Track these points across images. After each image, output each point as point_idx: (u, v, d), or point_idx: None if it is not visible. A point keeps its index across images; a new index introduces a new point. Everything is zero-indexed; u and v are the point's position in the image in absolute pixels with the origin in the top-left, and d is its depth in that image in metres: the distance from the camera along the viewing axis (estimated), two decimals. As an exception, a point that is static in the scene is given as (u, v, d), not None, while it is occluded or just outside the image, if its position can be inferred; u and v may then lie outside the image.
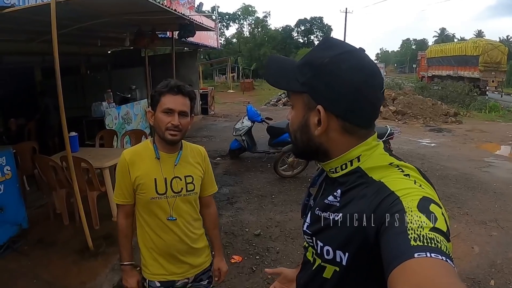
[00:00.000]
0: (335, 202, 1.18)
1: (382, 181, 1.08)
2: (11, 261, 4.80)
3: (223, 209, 6.63)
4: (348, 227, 1.09)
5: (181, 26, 8.55)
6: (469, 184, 7.99)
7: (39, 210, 6.39)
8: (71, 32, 7.87)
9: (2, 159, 4.94)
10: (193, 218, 2.42)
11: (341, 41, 1.22)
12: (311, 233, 1.27)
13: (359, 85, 1.09)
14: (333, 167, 1.22)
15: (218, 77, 46.87)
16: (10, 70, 10.31)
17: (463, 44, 31.65)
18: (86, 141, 8.79)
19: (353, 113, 1.12)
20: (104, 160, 5.81)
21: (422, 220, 0.89)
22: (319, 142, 1.19)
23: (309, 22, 70.68)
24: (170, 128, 2.14)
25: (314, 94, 1.15)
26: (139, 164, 2.24)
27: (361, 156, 1.16)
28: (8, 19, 5.84)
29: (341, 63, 1.11)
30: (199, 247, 2.45)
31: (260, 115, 9.61)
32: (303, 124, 1.20)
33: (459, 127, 16.18)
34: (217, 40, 19.53)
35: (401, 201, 0.97)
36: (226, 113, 20.08)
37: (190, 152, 2.40)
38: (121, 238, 2.36)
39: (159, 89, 2.15)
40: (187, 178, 2.31)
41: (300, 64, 1.21)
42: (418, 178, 1.09)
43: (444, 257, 0.81)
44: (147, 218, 2.29)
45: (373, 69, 1.14)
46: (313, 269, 1.29)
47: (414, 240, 0.85)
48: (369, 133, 1.18)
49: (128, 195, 2.28)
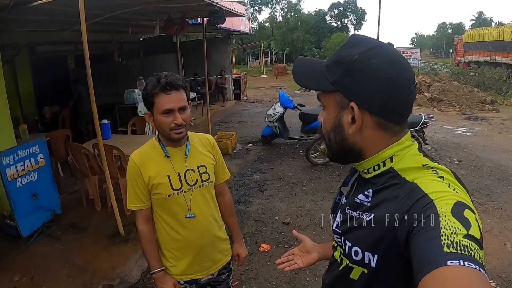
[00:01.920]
0: (366, 202, 1.17)
1: (415, 182, 1.06)
2: (44, 245, 4.94)
3: (253, 196, 6.66)
4: (379, 228, 1.08)
5: (211, 12, 8.53)
6: (505, 176, 7.71)
7: (72, 196, 6.57)
8: (102, 20, 7.96)
9: (36, 148, 5.06)
10: (213, 209, 2.38)
11: (368, 37, 1.19)
12: (340, 232, 1.27)
13: (391, 79, 1.08)
14: (366, 168, 1.20)
15: (251, 61, 46.90)
16: (44, 59, 10.55)
17: (501, 29, 30.37)
18: (119, 127, 8.94)
19: (387, 108, 1.10)
20: (135, 147, 5.79)
21: (456, 226, 0.87)
22: (353, 141, 1.17)
23: (342, 5, 69.58)
24: (175, 128, 2.08)
25: (346, 92, 1.13)
26: (149, 164, 2.18)
27: (394, 157, 1.14)
28: (39, 11, 5.94)
29: (371, 58, 1.09)
30: (221, 240, 2.43)
31: (292, 101, 9.56)
32: (337, 124, 1.19)
33: (495, 115, 15.64)
34: (249, 25, 19.42)
35: (434, 204, 0.95)
36: (259, 98, 20.11)
37: (198, 141, 2.36)
38: (145, 245, 2.26)
39: (150, 90, 2.04)
40: (200, 168, 2.27)
41: (329, 64, 1.19)
42: (452, 181, 1.06)
43: (477, 266, 0.79)
44: (166, 217, 2.24)
45: (404, 63, 1.12)
46: (340, 270, 1.28)
47: (447, 247, 0.83)
48: (403, 131, 1.17)
49: (144, 198, 2.21)
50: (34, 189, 5.00)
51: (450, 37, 69.64)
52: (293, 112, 9.90)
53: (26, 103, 10.16)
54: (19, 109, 9.65)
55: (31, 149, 5.01)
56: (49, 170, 5.32)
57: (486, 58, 31.37)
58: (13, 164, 4.75)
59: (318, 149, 8.28)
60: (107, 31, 11.87)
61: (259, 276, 4.44)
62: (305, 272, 4.44)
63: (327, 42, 59.69)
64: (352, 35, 1.21)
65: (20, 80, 10.04)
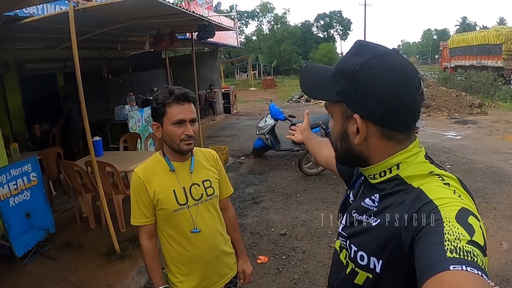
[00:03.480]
0: (372, 207, 1.18)
1: (421, 188, 1.06)
2: (39, 265, 4.87)
3: (248, 209, 6.64)
4: (384, 233, 1.09)
5: (200, 27, 8.55)
6: (496, 177, 7.81)
7: (65, 214, 6.50)
8: (91, 37, 7.95)
9: (28, 166, 5.02)
10: (218, 223, 2.36)
11: (373, 44, 1.19)
12: (346, 235, 1.28)
13: (393, 89, 1.07)
14: (372, 173, 1.21)
15: (239, 75, 46.99)
16: (33, 77, 10.50)
17: (485, 33, 31.00)
18: (110, 144, 8.89)
19: (390, 119, 1.10)
20: (128, 163, 5.87)
21: (459, 232, 0.88)
22: (359, 150, 1.18)
23: (328, 16, 70.31)
24: (185, 139, 2.07)
25: (349, 103, 1.14)
26: (154, 179, 2.15)
27: (401, 164, 1.14)
28: (28, 28, 5.93)
29: (373, 69, 1.08)
30: (227, 254, 2.41)
31: (283, 112, 9.56)
32: (343, 133, 1.20)
33: (484, 118, 15.81)
34: (237, 38, 19.50)
35: (439, 210, 0.95)
36: (249, 111, 20.12)
37: (202, 156, 2.35)
38: (148, 261, 2.22)
39: (163, 100, 2.04)
40: (205, 183, 2.25)
41: (333, 73, 1.20)
42: (458, 188, 1.06)
43: (480, 271, 0.79)
44: (172, 232, 2.20)
45: (408, 71, 1.11)
46: (347, 274, 1.28)
47: (451, 252, 0.83)
48: (410, 138, 1.16)
49: (149, 214, 2.17)
50: (27, 208, 4.94)
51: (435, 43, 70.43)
52: (284, 124, 9.88)
53: (16, 121, 10.10)
54: (9, 127, 9.58)
55: (23, 167, 4.97)
56: (42, 189, 5.28)
57: (472, 62, 31.89)
58: (6, 183, 4.70)
59: (310, 159, 8.27)
60: (96, 47, 11.85)
61: (258, 288, 4.41)
62: (305, 282, 4.45)
63: (314, 53, 60.25)
64: (356, 42, 1.21)
65: (10, 98, 10.00)
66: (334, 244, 1.42)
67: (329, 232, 5.57)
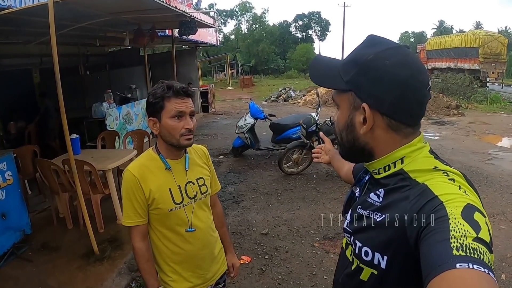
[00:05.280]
0: (377, 202, 1.18)
1: (426, 183, 1.05)
2: (15, 268, 4.71)
3: (229, 208, 6.58)
4: (389, 229, 1.08)
5: (182, 23, 8.46)
6: (475, 177, 7.93)
7: (42, 214, 6.32)
8: (69, 32, 7.78)
9: (3, 165, 4.84)
10: (211, 220, 2.35)
11: (385, 38, 1.19)
12: (351, 231, 1.28)
13: (405, 81, 1.08)
14: (376, 168, 1.22)
15: (217, 74, 46.98)
16: (8, 72, 10.23)
17: (462, 36, 31.55)
18: (88, 142, 8.71)
19: (399, 110, 1.11)
20: (106, 162, 5.73)
21: (465, 229, 0.87)
22: (364, 141, 1.19)
23: (307, 17, 70.81)
24: (185, 134, 2.02)
25: (359, 92, 1.14)
26: (150, 177, 2.07)
27: (405, 158, 1.15)
28: (5, 21, 5.73)
29: (386, 59, 1.09)
30: (218, 251, 2.39)
31: (263, 111, 9.57)
32: (349, 124, 1.20)
33: (461, 119, 16.18)
34: (216, 37, 19.45)
35: (444, 206, 0.95)
36: (227, 110, 20.10)
37: (195, 153, 2.31)
38: (142, 263, 2.14)
39: (161, 94, 1.98)
40: (199, 181, 2.21)
41: (344, 62, 1.20)
42: (463, 184, 1.06)
43: (486, 269, 0.79)
44: (166, 232, 2.14)
45: (419, 65, 1.12)
46: (352, 270, 1.28)
47: (457, 250, 0.83)
48: (415, 133, 1.17)
49: (143, 213, 2.09)
50: (3, 209, 4.76)
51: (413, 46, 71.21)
52: (263, 123, 9.89)
53: (-10, 118, 9.80)
54: (-17, 125, 9.30)
55: (-2, 166, 4.79)
56: (18, 188, 5.10)
57: (449, 65, 32.46)
58: (-20, 183, 4.53)
59: (290, 158, 8.28)
60: (74, 43, 11.68)
61: (242, 289, 4.36)
62: (289, 282, 4.43)
63: (292, 53, 60.66)
64: (369, 36, 1.21)
65: (-16, 94, 9.69)
66: (317, 244, 1.41)
67: (311, 232, 5.56)
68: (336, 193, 7.06)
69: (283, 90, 25.62)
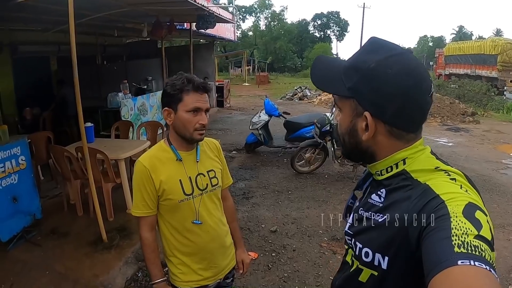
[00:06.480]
0: (378, 203, 1.18)
1: (427, 183, 1.06)
2: (24, 252, 4.75)
3: (239, 203, 6.57)
4: (390, 229, 1.09)
5: (200, 17, 8.45)
6: (487, 186, 7.82)
7: (53, 200, 6.37)
8: (88, 22, 7.83)
9: (17, 149, 4.88)
10: (221, 213, 2.35)
11: (388, 42, 1.18)
12: (352, 234, 1.28)
13: (406, 90, 1.08)
14: (378, 169, 1.22)
15: (233, 69, 46.92)
16: (26, 59, 10.34)
17: (481, 43, 31.21)
18: (102, 131, 8.76)
19: (401, 119, 1.11)
20: (119, 151, 5.75)
21: (467, 227, 0.87)
22: (366, 145, 1.19)
23: (325, 16, 70.60)
24: (199, 128, 2.05)
25: (361, 100, 1.14)
26: (160, 168, 2.09)
27: (407, 159, 1.15)
28: (24, 8, 5.78)
29: (387, 68, 1.09)
30: (228, 244, 2.39)
31: (278, 109, 9.54)
32: (351, 129, 1.21)
33: (476, 127, 15.96)
34: (234, 32, 19.40)
35: (446, 205, 0.95)
36: (242, 106, 20.11)
37: (207, 146, 2.32)
38: (148, 254, 2.17)
39: (180, 86, 1.99)
40: (210, 173, 2.23)
41: (346, 67, 1.19)
42: (465, 183, 1.07)
43: (488, 266, 0.80)
44: (175, 223, 2.16)
45: (421, 72, 1.12)
46: (350, 272, 1.28)
47: (458, 247, 0.83)
48: (417, 137, 1.18)
49: (152, 205, 2.11)
50: (15, 192, 4.80)
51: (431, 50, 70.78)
52: (277, 120, 9.88)
53: (6, 103, 9.92)
54: (-1, 109, 9.41)
55: (12, 150, 4.82)
56: (30, 173, 5.14)
57: (466, 71, 32.14)
58: (-7, 166, 4.57)
59: (303, 157, 8.26)
60: (92, 33, 11.71)
61: (247, 285, 4.35)
62: (294, 280, 4.41)
63: (309, 52, 60.44)
64: (372, 38, 1.21)
65: (1, 80, 9.82)
66: (325, 244, 1.39)
67: (319, 232, 5.53)
68: (346, 194, 6.97)
69: (299, 88, 25.51)
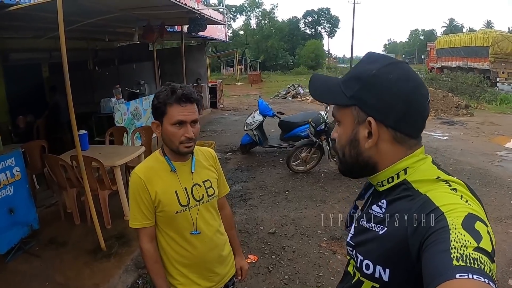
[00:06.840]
0: (379, 213, 1.18)
1: (427, 195, 1.06)
2: (23, 263, 4.73)
3: (236, 206, 6.56)
4: (390, 241, 1.08)
5: (191, 20, 8.43)
6: (483, 179, 7.87)
7: (49, 209, 6.34)
8: (78, 27, 7.78)
9: (11, 160, 4.84)
10: (218, 223, 2.33)
11: (384, 54, 1.27)
12: (353, 245, 1.28)
13: (408, 94, 1.11)
14: (380, 180, 1.21)
15: (225, 69, 46.93)
16: (17, 67, 10.27)
17: (473, 35, 31.40)
18: (96, 137, 8.72)
19: (404, 123, 1.13)
20: (115, 158, 5.73)
21: (466, 239, 0.87)
22: (368, 155, 1.19)
23: (316, 13, 70.72)
24: (185, 142, 2.01)
25: (364, 106, 1.15)
26: (155, 179, 2.08)
27: (408, 169, 1.15)
28: (14, 16, 5.74)
29: (389, 74, 1.12)
30: (226, 253, 2.37)
31: (272, 109, 9.53)
32: (352, 139, 1.21)
33: (470, 119, 16.03)
34: (225, 32, 19.41)
35: (445, 217, 0.95)
36: (235, 106, 20.09)
37: (202, 155, 2.30)
38: (151, 265, 2.14)
39: (163, 99, 1.96)
40: (206, 183, 2.21)
41: (345, 79, 1.23)
42: (465, 193, 1.06)
43: (487, 279, 0.79)
44: (173, 234, 2.14)
45: (419, 80, 1.17)
46: (352, 283, 1.28)
47: (457, 260, 0.83)
48: (418, 144, 1.19)
49: (150, 216, 2.10)
50: (11, 204, 4.77)
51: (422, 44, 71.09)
52: (272, 120, 9.87)
53: (-1, 112, 9.83)
54: (-8, 118, 9.31)
55: (6, 161, 4.77)
56: (26, 183, 5.10)
57: (458, 64, 32.34)
58: (-12, 178, 4.53)
59: (299, 157, 8.26)
60: (82, 38, 11.68)
61: (248, 289, 4.35)
62: (295, 282, 4.41)
63: (301, 49, 60.56)
64: (368, 53, 1.25)
65: (-7, 88, 9.70)
66: (324, 244, 1.39)
67: (318, 232, 5.53)
68: (344, 192, 7.02)
69: (292, 86, 25.50)
